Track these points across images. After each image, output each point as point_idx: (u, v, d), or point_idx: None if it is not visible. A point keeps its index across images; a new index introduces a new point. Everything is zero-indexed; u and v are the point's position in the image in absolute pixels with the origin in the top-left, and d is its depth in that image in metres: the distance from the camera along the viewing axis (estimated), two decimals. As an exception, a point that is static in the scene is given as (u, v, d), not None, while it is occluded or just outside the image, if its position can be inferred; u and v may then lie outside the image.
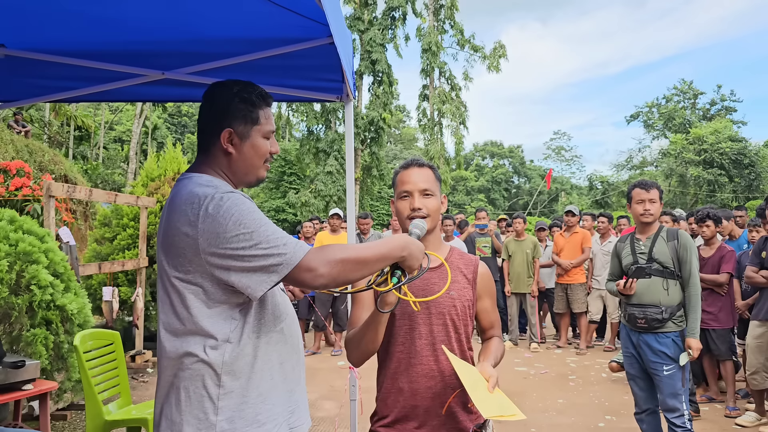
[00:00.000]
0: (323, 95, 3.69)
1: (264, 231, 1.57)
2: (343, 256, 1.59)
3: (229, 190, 1.64)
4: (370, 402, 2.60)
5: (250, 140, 1.78)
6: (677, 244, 3.86)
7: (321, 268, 1.56)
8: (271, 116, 1.85)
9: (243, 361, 1.65)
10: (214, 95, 1.81)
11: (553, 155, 60.19)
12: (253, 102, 1.79)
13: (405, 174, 2.12)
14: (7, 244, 4.60)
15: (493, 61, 29.96)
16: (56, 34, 2.92)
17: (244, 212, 1.58)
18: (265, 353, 1.70)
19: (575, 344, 8.76)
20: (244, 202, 1.61)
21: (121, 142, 38.49)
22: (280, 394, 1.73)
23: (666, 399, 3.78)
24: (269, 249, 1.55)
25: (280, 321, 1.76)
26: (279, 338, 1.75)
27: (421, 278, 2.08)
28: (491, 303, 2.19)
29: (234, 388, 1.64)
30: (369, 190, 28.09)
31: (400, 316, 2.06)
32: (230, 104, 1.78)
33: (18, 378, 3.88)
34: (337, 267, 1.58)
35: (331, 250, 1.60)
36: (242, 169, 1.80)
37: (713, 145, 35.13)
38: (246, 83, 1.83)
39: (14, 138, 12.36)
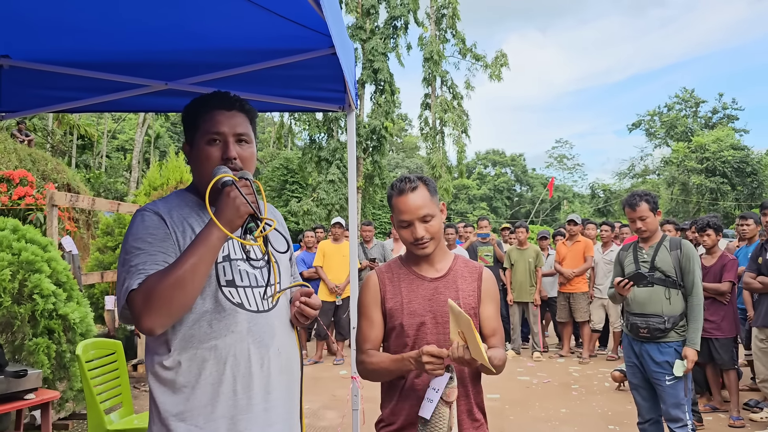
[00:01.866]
0: (325, 105, 3.70)
1: (127, 261, 1.60)
2: (164, 290, 1.51)
3: (146, 206, 1.71)
4: (372, 412, 2.60)
5: (195, 148, 1.76)
6: (680, 254, 3.85)
7: (143, 315, 1.52)
8: (220, 119, 1.73)
9: (167, 374, 1.62)
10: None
11: (555, 163, 60.21)
12: (191, 109, 1.78)
13: (401, 201, 2.06)
14: (9, 254, 4.61)
15: (495, 70, 30.03)
16: (60, 44, 2.94)
17: (131, 231, 1.65)
18: (188, 369, 1.61)
19: (578, 353, 8.74)
20: (141, 222, 1.65)
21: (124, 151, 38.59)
22: (215, 419, 1.61)
23: (669, 409, 3.77)
24: (122, 280, 1.58)
25: (215, 338, 1.63)
26: (209, 356, 1.62)
27: (427, 288, 2.10)
28: (494, 310, 2.18)
29: (163, 402, 1.62)
30: (371, 199, 28.11)
31: (408, 326, 2.07)
32: (185, 119, 1.81)
33: (20, 387, 3.88)
34: (159, 305, 1.51)
35: (152, 290, 1.52)
36: (197, 180, 1.77)
37: (715, 153, 35.11)
38: (207, 94, 1.80)
39: (17, 147, 12.41)
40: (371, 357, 2.09)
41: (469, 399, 2.10)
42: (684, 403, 3.75)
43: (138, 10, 2.59)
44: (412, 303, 2.09)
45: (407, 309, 2.08)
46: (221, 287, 1.67)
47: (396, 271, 2.17)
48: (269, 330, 1.72)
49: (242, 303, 1.69)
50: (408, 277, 2.14)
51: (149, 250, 1.60)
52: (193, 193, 1.79)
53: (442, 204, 2.16)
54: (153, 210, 1.68)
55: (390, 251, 8.90)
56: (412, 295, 2.10)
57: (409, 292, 2.11)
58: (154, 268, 1.56)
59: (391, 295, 2.12)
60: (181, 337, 1.62)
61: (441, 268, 2.14)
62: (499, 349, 2.12)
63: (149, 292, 1.51)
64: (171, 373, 1.62)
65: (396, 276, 2.15)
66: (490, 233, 9.50)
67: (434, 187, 2.13)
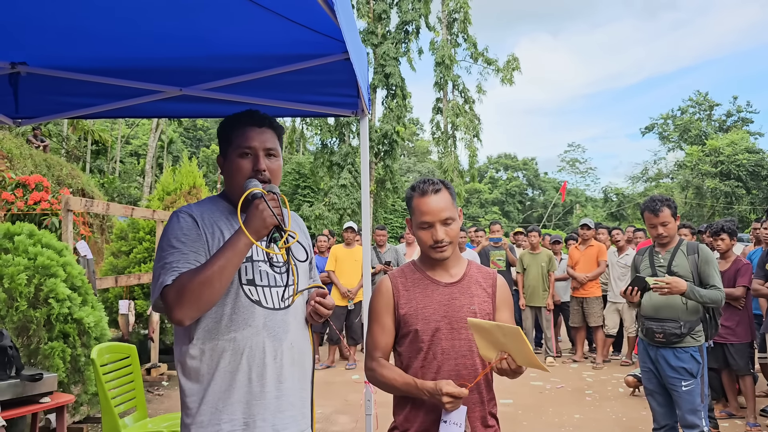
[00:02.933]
0: (338, 110, 3.71)
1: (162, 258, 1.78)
2: (195, 286, 1.70)
3: (181, 209, 1.89)
4: (385, 417, 2.59)
5: (229, 162, 1.94)
6: (698, 259, 3.80)
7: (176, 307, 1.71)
8: (252, 134, 1.91)
9: (193, 363, 1.81)
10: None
11: (568, 167, 59.95)
12: (225, 126, 1.96)
13: (423, 203, 2.06)
14: (26, 258, 4.66)
15: (507, 74, 29.97)
16: (76, 51, 2.97)
17: (168, 230, 1.84)
18: (210, 358, 1.80)
19: (591, 358, 8.68)
20: (177, 223, 1.84)
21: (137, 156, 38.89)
22: (231, 403, 1.80)
23: (685, 415, 3.73)
24: (157, 275, 1.77)
25: (233, 330, 1.81)
26: (228, 347, 1.80)
27: (442, 293, 2.09)
28: (509, 315, 2.17)
29: (188, 388, 1.83)
30: (383, 203, 28.10)
31: (422, 332, 2.06)
32: (219, 134, 2.00)
33: (35, 391, 3.91)
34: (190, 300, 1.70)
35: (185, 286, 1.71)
36: (228, 189, 1.96)
37: (730, 156, 34.82)
38: (239, 113, 1.98)
39: (33, 153, 12.54)
40: (383, 368, 2.09)
41: (483, 406, 2.09)
42: (700, 409, 3.71)
43: (152, 18, 2.61)
44: (427, 308, 2.08)
45: (422, 315, 2.07)
46: (242, 285, 1.85)
47: (410, 276, 2.16)
48: (283, 326, 1.89)
49: (260, 300, 1.86)
50: (422, 282, 2.13)
51: (182, 249, 1.78)
52: (224, 199, 1.97)
53: (459, 209, 2.17)
54: (187, 212, 1.87)
55: (403, 255, 8.89)
56: (427, 300, 2.09)
57: (424, 297, 2.09)
58: (187, 266, 1.75)
59: (405, 301, 2.11)
60: (203, 328, 1.80)
61: (455, 273, 2.13)
62: None
63: (181, 288, 1.70)
64: (196, 362, 1.81)
65: (410, 281, 2.14)
66: (502, 238, 9.47)
67: (454, 192, 2.14)
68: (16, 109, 3.56)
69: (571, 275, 8.57)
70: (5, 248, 4.74)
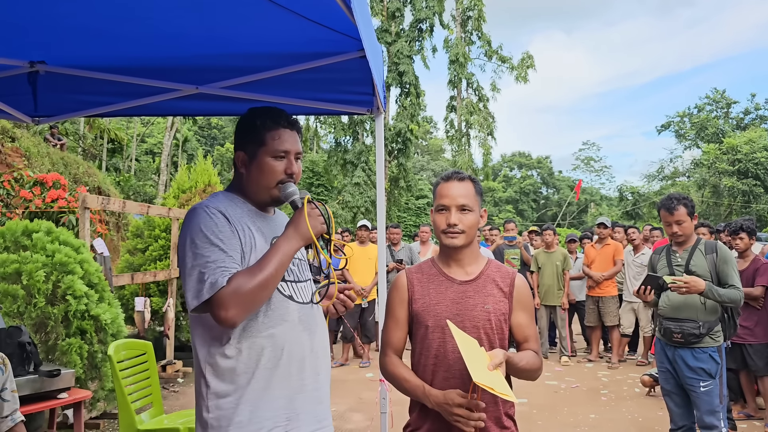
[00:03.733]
0: (354, 108, 3.71)
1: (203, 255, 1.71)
2: (251, 290, 1.69)
3: (207, 204, 1.80)
4: (400, 415, 2.59)
5: (257, 161, 1.90)
6: (716, 258, 3.75)
7: (231, 310, 1.67)
8: (285, 137, 1.90)
9: (228, 362, 1.77)
10: (238, 121, 1.98)
11: (582, 166, 59.55)
12: (259, 125, 1.90)
13: (445, 187, 2.10)
14: (44, 255, 4.71)
15: (521, 72, 29.84)
16: (94, 50, 2.99)
17: (201, 226, 1.74)
18: (248, 356, 1.78)
19: (606, 358, 8.62)
20: (209, 218, 1.76)
21: (153, 155, 39.19)
22: (272, 400, 1.79)
23: (703, 416, 3.69)
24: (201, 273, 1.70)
25: (271, 327, 1.81)
26: (267, 343, 1.79)
27: (456, 291, 2.08)
28: (527, 317, 2.14)
29: (222, 389, 1.77)
30: (396, 202, 28.10)
31: (433, 328, 2.06)
32: (243, 128, 1.94)
33: (53, 387, 3.96)
34: (246, 303, 1.69)
35: (242, 290, 1.68)
36: (253, 189, 1.92)
37: (748, 154, 34.40)
38: (268, 109, 1.94)
39: (50, 151, 12.69)
40: (394, 366, 2.10)
41: (498, 407, 2.06)
42: (718, 410, 3.66)
43: (169, 17, 2.62)
44: (439, 305, 2.07)
45: (434, 311, 2.06)
46: None
47: (426, 272, 2.15)
48: (314, 320, 1.93)
49: (292, 296, 1.89)
50: (437, 278, 2.12)
51: (223, 247, 1.74)
52: (240, 196, 1.93)
53: (484, 210, 2.16)
54: (216, 209, 1.80)
55: (417, 254, 8.88)
56: (440, 297, 2.08)
57: (438, 294, 2.09)
58: (234, 266, 1.72)
59: (419, 296, 2.11)
60: (240, 327, 1.77)
61: (471, 271, 2.11)
62: (531, 353, 2.08)
63: (238, 289, 1.68)
64: (231, 362, 1.77)
65: (425, 277, 2.14)
66: (516, 236, 9.42)
67: (480, 190, 2.14)
68: (35, 108, 3.60)
69: (587, 274, 8.51)
70: (24, 245, 4.80)
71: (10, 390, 3.10)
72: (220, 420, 1.76)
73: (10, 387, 3.10)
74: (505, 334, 2.10)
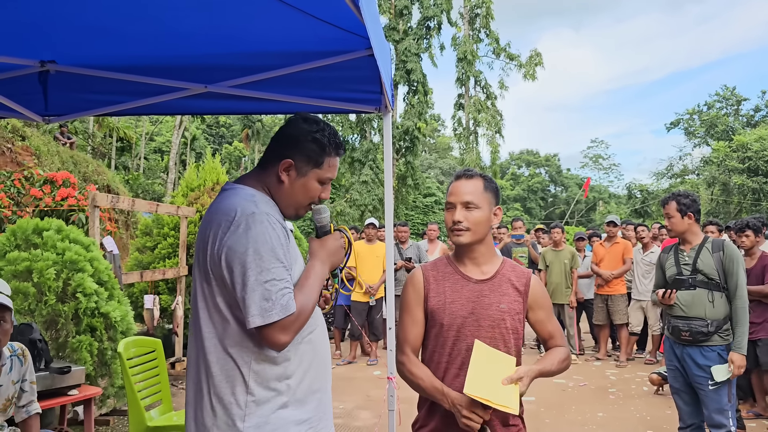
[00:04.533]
0: (362, 107, 3.71)
1: (270, 271, 1.65)
2: (306, 315, 1.72)
3: (265, 210, 1.72)
4: (407, 413, 2.59)
5: (305, 179, 1.85)
6: (723, 256, 3.75)
7: (290, 335, 1.68)
8: (336, 166, 1.91)
9: (276, 370, 1.73)
10: (295, 123, 1.88)
11: (591, 164, 59.22)
12: (323, 146, 1.85)
13: (454, 185, 2.13)
14: (54, 253, 4.74)
15: (529, 69, 29.73)
16: (104, 50, 3.01)
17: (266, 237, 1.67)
18: (294, 362, 1.77)
19: (615, 356, 8.60)
20: (273, 230, 1.69)
21: (161, 153, 39.34)
22: (310, 402, 1.80)
23: (712, 414, 3.68)
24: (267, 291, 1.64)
25: (310, 333, 1.83)
26: (307, 348, 1.81)
27: (472, 290, 2.09)
28: (546, 314, 2.19)
29: (262, 395, 1.71)
30: (404, 200, 28.08)
31: (447, 327, 2.07)
32: (304, 139, 1.85)
33: (64, 383, 3.99)
34: (300, 327, 1.71)
35: (302, 315, 1.70)
36: (285, 200, 1.87)
37: (758, 152, 34.11)
38: (332, 129, 1.90)
39: (60, 149, 12.77)
40: (412, 365, 2.10)
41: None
42: (727, 409, 3.65)
43: (179, 16, 2.64)
44: (454, 304, 2.08)
45: (449, 309, 2.07)
46: None
47: (442, 270, 2.16)
48: (323, 321, 1.96)
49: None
50: (453, 276, 2.13)
51: (286, 264, 1.70)
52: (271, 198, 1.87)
53: (498, 208, 2.16)
54: (276, 219, 1.74)
55: (425, 252, 8.88)
56: (456, 295, 2.09)
57: (453, 292, 2.09)
58: (292, 286, 1.71)
59: (435, 294, 2.11)
60: None
61: (487, 270, 2.12)
62: (558, 350, 2.15)
63: (300, 316, 1.69)
64: (279, 368, 1.74)
65: (441, 274, 2.15)
66: (524, 234, 9.40)
67: (493, 187, 2.14)
68: (45, 107, 3.62)
69: (596, 272, 8.49)
70: (34, 243, 4.84)
71: (29, 381, 3.14)
72: (261, 427, 1.70)
73: (29, 378, 3.14)
74: (520, 333, 2.12)
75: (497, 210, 2.15)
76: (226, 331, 1.72)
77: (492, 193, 2.12)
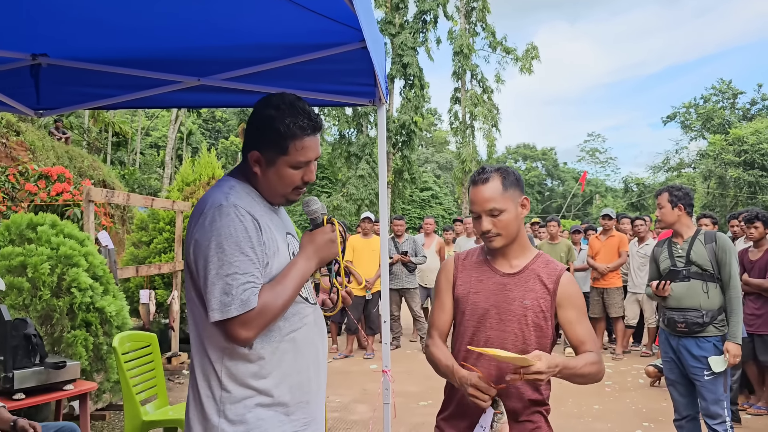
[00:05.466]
0: (356, 99, 3.70)
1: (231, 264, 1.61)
2: (274, 313, 1.66)
3: (234, 203, 1.68)
4: (403, 406, 2.60)
5: (275, 168, 1.77)
6: (715, 247, 3.77)
7: (252, 331, 1.63)
8: (309, 146, 1.76)
9: (250, 368, 1.69)
10: (257, 111, 1.80)
11: (587, 157, 59.34)
12: (283, 133, 1.73)
13: (473, 192, 2.06)
14: (48, 248, 4.72)
15: (526, 63, 29.71)
16: (96, 43, 2.99)
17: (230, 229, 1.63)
18: (270, 362, 1.71)
19: (611, 349, 8.62)
20: (239, 222, 1.65)
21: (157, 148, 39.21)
22: (293, 404, 1.74)
23: (708, 405, 3.69)
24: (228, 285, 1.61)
25: (292, 331, 1.75)
26: (288, 347, 1.74)
27: (497, 282, 2.06)
28: (576, 315, 2.07)
29: (237, 393, 1.69)
30: (400, 194, 28.10)
31: (469, 316, 2.07)
32: (264, 127, 1.76)
33: (59, 378, 3.97)
34: (267, 325, 1.67)
35: (267, 312, 1.64)
36: (267, 191, 1.82)
37: (754, 145, 34.18)
38: (293, 108, 1.75)
39: (55, 144, 12.72)
40: (434, 347, 2.11)
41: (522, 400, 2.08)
42: (723, 399, 3.67)
43: (171, 9, 2.62)
44: (478, 294, 2.07)
45: (472, 300, 2.07)
46: None
47: (472, 259, 2.16)
48: (321, 320, 1.90)
49: (308, 297, 1.85)
50: (481, 267, 2.12)
51: (252, 258, 1.64)
52: (253, 188, 1.82)
53: (524, 198, 2.08)
54: (246, 210, 1.68)
55: (421, 246, 8.88)
56: (480, 286, 2.08)
57: (478, 282, 2.09)
58: (260, 281, 1.66)
59: (461, 282, 2.12)
60: (262, 333, 1.70)
61: (516, 264, 2.08)
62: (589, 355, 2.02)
63: (265, 313, 1.64)
64: (254, 366, 1.69)
65: (470, 263, 2.15)
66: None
67: (512, 180, 2.05)
68: (37, 101, 3.61)
69: (592, 266, 8.49)
70: (29, 238, 4.81)
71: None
72: (236, 425, 1.68)
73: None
74: (545, 331, 2.04)
75: (524, 201, 2.07)
76: (202, 326, 1.71)
77: (513, 187, 2.04)
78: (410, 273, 8.67)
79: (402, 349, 8.86)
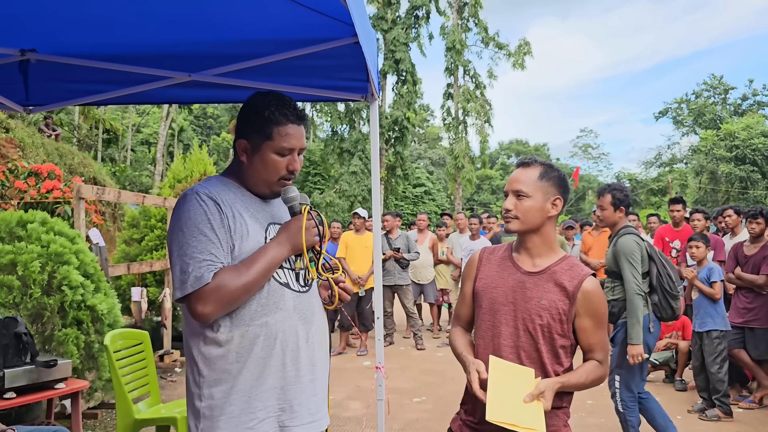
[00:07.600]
0: (348, 95, 3.68)
1: (189, 245, 1.69)
2: (233, 291, 1.68)
3: (198, 190, 1.77)
4: (396, 402, 2.59)
5: (260, 154, 1.84)
6: (614, 248, 4.02)
7: (209, 307, 1.67)
8: (293, 133, 1.84)
9: (219, 350, 1.74)
10: (244, 105, 1.90)
11: (580, 153, 59.48)
12: (267, 118, 1.82)
13: (512, 174, 2.11)
14: (39, 246, 4.69)
15: (518, 59, 29.76)
16: (85, 38, 2.95)
17: (190, 214, 1.72)
18: (240, 345, 1.74)
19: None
20: (199, 206, 1.73)
21: (148, 145, 39.06)
22: (264, 390, 1.75)
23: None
24: (186, 264, 1.69)
25: (264, 315, 1.76)
26: (260, 332, 1.75)
27: (517, 280, 2.04)
28: (594, 324, 2.02)
29: (213, 379, 1.74)
30: (393, 190, 28.09)
31: (485, 310, 2.08)
32: (250, 115, 1.86)
33: (50, 377, 3.95)
34: (226, 303, 1.69)
35: (224, 288, 1.67)
36: (253, 180, 1.88)
37: (745, 141, 34.39)
38: (279, 99, 1.87)
39: (45, 142, 12.62)
40: (454, 335, 2.19)
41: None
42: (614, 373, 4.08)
43: (161, 4, 2.59)
44: (496, 290, 2.07)
45: (490, 295, 2.07)
46: None
47: (497, 254, 2.16)
48: (310, 308, 1.88)
49: (288, 283, 1.84)
50: (504, 263, 2.11)
51: (212, 238, 1.71)
52: (235, 181, 1.90)
53: (558, 198, 2.05)
54: (207, 195, 1.76)
55: (414, 242, 8.88)
56: (500, 281, 2.07)
57: (499, 278, 2.08)
58: (221, 261, 1.70)
59: (483, 276, 2.13)
60: (233, 315, 1.74)
61: (540, 263, 2.05)
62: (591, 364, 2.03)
63: (221, 289, 1.67)
64: (223, 350, 1.74)
65: (494, 258, 2.15)
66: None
67: (552, 176, 2.04)
68: (26, 97, 3.56)
69: (584, 261, 8.51)
70: (19, 236, 4.77)
71: None
72: (213, 409, 1.73)
73: None
74: (559, 334, 2.00)
75: (556, 200, 2.04)
76: (186, 313, 1.78)
77: (550, 182, 2.03)
78: (403, 269, 8.66)
79: (395, 345, 8.86)
